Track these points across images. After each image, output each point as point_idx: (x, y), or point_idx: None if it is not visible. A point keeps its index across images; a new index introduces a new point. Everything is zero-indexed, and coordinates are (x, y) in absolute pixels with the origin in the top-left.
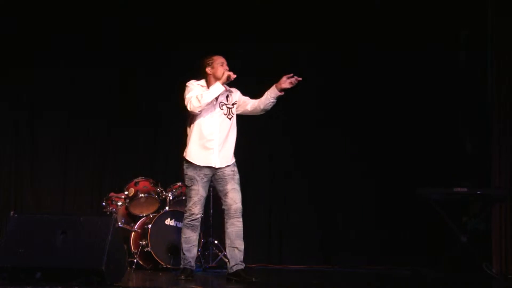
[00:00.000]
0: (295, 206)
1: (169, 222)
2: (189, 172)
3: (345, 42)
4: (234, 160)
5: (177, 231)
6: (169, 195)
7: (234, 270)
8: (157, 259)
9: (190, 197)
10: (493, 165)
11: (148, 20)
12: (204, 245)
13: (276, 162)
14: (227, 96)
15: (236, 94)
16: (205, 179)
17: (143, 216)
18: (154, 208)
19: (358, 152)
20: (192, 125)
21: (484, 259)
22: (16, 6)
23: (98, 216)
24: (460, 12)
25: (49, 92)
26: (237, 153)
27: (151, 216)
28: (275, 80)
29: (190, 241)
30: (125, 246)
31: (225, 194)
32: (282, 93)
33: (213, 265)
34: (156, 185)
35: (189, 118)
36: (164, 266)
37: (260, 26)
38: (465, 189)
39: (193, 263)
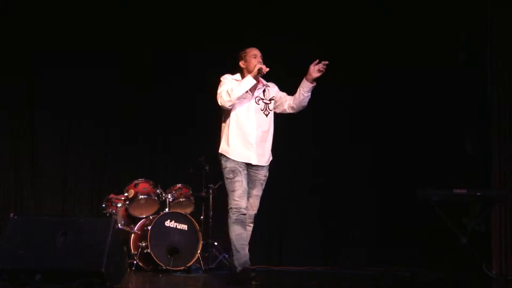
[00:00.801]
0: (295, 206)
1: (169, 223)
2: (229, 164)
3: (346, 47)
4: (271, 159)
5: (177, 232)
6: (169, 196)
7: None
8: (157, 260)
9: (233, 190)
10: (493, 165)
11: (148, 20)
12: (204, 247)
13: (275, 162)
14: (264, 91)
15: (273, 90)
16: (245, 171)
17: (142, 218)
18: (154, 209)
19: (358, 152)
20: (227, 120)
21: (484, 260)
22: (16, 6)
23: (98, 218)
24: (460, 12)
25: (49, 92)
26: None
27: (150, 217)
28: (277, 81)
29: (242, 238)
30: (125, 247)
31: (247, 198)
32: (315, 84)
33: (213, 266)
34: (155, 186)
35: (224, 113)
36: (164, 267)
37: (260, 27)
38: (464, 191)
39: (249, 261)
